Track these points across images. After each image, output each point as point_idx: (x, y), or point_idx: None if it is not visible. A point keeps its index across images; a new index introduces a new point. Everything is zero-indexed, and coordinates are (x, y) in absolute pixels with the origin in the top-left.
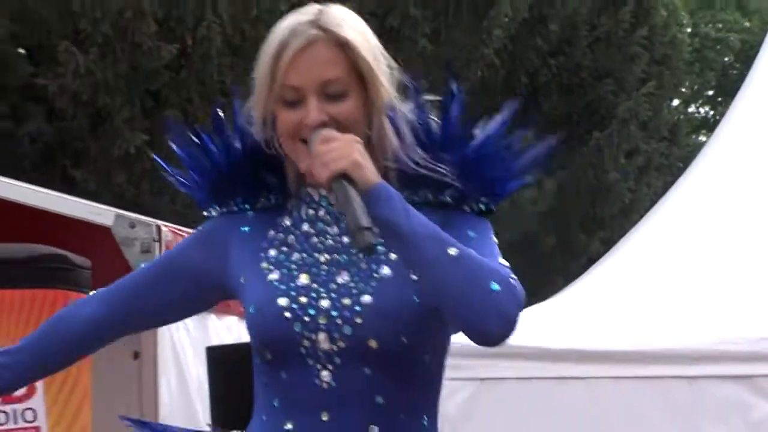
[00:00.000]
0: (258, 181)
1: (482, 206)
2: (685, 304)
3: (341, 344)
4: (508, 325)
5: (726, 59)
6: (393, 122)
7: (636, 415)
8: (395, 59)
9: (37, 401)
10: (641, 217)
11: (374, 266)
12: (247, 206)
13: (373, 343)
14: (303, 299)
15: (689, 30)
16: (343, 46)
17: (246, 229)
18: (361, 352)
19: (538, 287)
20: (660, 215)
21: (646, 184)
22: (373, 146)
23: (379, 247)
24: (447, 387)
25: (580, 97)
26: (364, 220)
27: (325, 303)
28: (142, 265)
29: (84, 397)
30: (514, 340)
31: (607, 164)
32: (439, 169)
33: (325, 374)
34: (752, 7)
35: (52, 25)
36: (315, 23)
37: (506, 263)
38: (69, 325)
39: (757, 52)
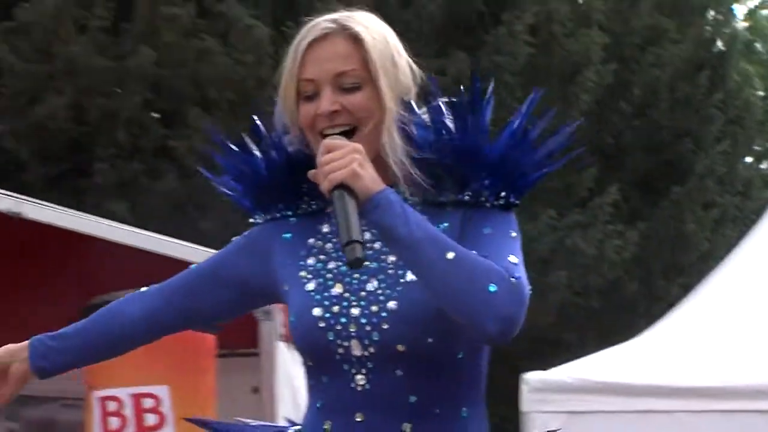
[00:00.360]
0: (298, 187)
1: (502, 201)
2: (762, 343)
3: (372, 350)
4: (507, 324)
5: None
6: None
7: None
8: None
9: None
10: (718, 264)
11: (401, 272)
12: (289, 212)
13: (400, 347)
14: (335, 308)
15: (761, 93)
16: (356, 41)
17: (288, 236)
18: (391, 356)
19: (623, 329)
20: (736, 262)
21: (722, 234)
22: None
23: None
24: (537, 419)
25: (660, 155)
26: (354, 234)
27: (355, 311)
28: (192, 266)
29: None
30: (601, 375)
31: (686, 216)
32: (418, 173)
33: (360, 378)
34: None
35: (184, 93)
36: (335, 20)
37: (516, 260)
38: (122, 319)
39: None
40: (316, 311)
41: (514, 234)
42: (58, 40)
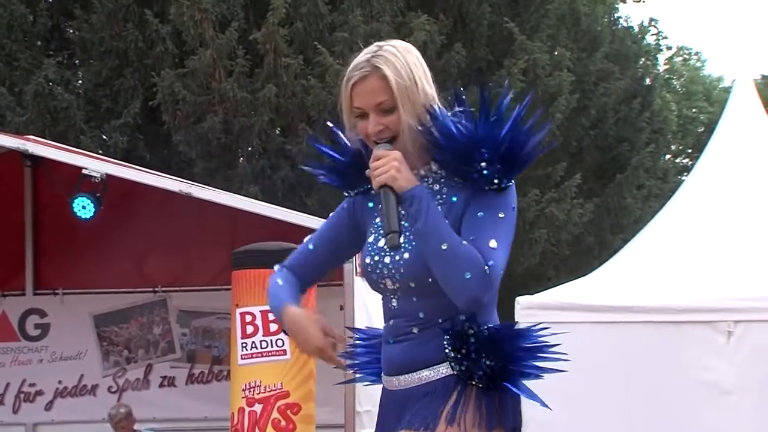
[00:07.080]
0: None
1: (495, 186)
2: (664, 274)
3: (397, 285)
4: (472, 303)
5: (699, 130)
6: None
7: (653, 351)
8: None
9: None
10: (646, 224)
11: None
12: (370, 187)
13: (412, 284)
14: (377, 257)
15: (676, 112)
16: (385, 79)
17: (371, 204)
18: (408, 288)
19: (583, 268)
20: (657, 222)
21: (649, 205)
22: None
23: None
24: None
25: (608, 154)
26: (393, 225)
27: (387, 259)
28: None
29: None
30: (569, 298)
31: (625, 194)
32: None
33: (394, 301)
34: (714, 99)
35: (295, 115)
36: (369, 61)
37: (495, 244)
38: (302, 281)
39: (716, 126)
40: (367, 259)
41: (502, 215)
42: (214, 80)
